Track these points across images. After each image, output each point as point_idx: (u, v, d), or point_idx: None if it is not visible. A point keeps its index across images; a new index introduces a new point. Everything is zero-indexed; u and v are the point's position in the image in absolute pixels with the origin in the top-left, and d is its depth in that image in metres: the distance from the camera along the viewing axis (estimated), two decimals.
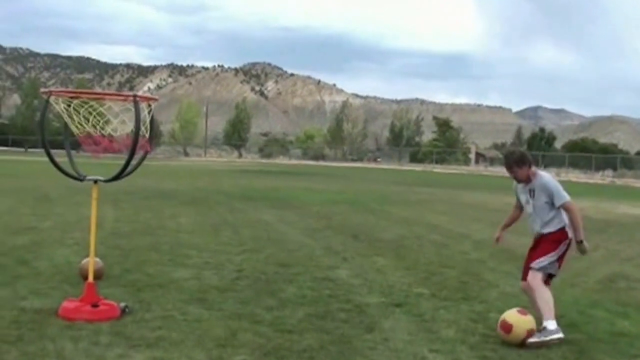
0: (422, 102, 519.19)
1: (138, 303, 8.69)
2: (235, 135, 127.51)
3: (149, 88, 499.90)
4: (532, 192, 8.16)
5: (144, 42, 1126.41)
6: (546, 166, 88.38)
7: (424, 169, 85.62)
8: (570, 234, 8.09)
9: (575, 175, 73.93)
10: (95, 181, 8.56)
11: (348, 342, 7.52)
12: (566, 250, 8.16)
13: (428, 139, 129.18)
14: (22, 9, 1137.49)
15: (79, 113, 8.24)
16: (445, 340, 7.73)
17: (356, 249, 14.49)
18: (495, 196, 34.19)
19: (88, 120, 8.26)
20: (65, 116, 8.29)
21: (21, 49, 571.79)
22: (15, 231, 14.93)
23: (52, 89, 8.39)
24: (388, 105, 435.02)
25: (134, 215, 18.88)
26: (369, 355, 7.15)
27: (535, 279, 8.05)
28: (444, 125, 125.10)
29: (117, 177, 8.50)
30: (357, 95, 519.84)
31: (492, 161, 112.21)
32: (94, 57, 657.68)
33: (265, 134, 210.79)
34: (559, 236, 8.09)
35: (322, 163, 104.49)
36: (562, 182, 8.48)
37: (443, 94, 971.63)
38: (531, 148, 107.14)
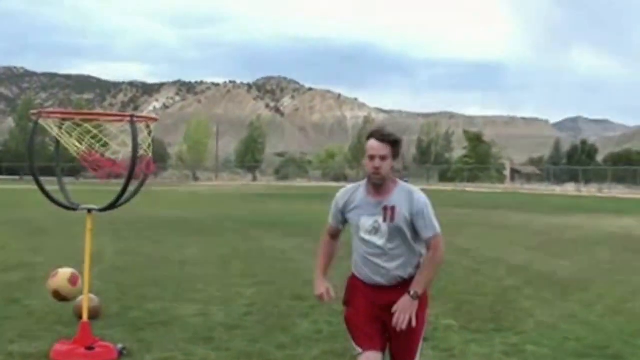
0: (452, 115, 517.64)
1: (137, 343, 8.63)
2: (249, 157, 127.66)
3: (154, 107, 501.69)
4: (388, 211, 5.54)
5: (149, 58, 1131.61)
6: (587, 182, 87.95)
7: (455, 188, 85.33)
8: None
9: (620, 191, 73.40)
10: (90, 210, 8.46)
11: None
12: None
13: (458, 156, 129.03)
14: (15, 26, 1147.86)
15: (71, 136, 8.19)
16: None
17: None
18: (534, 216, 34.05)
19: (81, 144, 8.20)
20: (58, 138, 8.25)
21: (15, 67, 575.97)
22: (6, 268, 14.94)
23: (42, 109, 8.36)
24: (414, 119, 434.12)
25: (136, 246, 18.89)
26: None
27: None
28: (475, 140, 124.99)
29: (113, 206, 8.44)
30: (380, 110, 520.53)
31: (529, 178, 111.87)
32: (94, 75, 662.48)
33: (281, 154, 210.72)
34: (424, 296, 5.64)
35: (344, 184, 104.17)
36: (605, 199, 8.36)
37: (474, 106, 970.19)
38: (571, 162, 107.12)
